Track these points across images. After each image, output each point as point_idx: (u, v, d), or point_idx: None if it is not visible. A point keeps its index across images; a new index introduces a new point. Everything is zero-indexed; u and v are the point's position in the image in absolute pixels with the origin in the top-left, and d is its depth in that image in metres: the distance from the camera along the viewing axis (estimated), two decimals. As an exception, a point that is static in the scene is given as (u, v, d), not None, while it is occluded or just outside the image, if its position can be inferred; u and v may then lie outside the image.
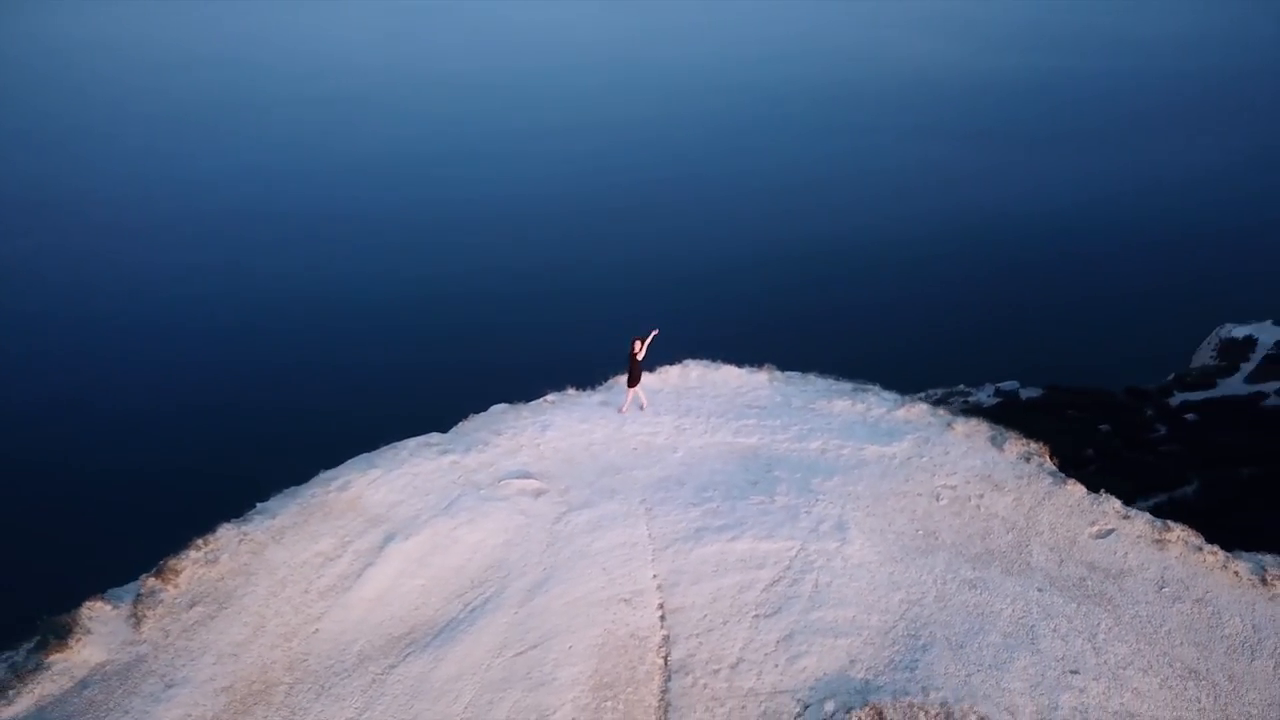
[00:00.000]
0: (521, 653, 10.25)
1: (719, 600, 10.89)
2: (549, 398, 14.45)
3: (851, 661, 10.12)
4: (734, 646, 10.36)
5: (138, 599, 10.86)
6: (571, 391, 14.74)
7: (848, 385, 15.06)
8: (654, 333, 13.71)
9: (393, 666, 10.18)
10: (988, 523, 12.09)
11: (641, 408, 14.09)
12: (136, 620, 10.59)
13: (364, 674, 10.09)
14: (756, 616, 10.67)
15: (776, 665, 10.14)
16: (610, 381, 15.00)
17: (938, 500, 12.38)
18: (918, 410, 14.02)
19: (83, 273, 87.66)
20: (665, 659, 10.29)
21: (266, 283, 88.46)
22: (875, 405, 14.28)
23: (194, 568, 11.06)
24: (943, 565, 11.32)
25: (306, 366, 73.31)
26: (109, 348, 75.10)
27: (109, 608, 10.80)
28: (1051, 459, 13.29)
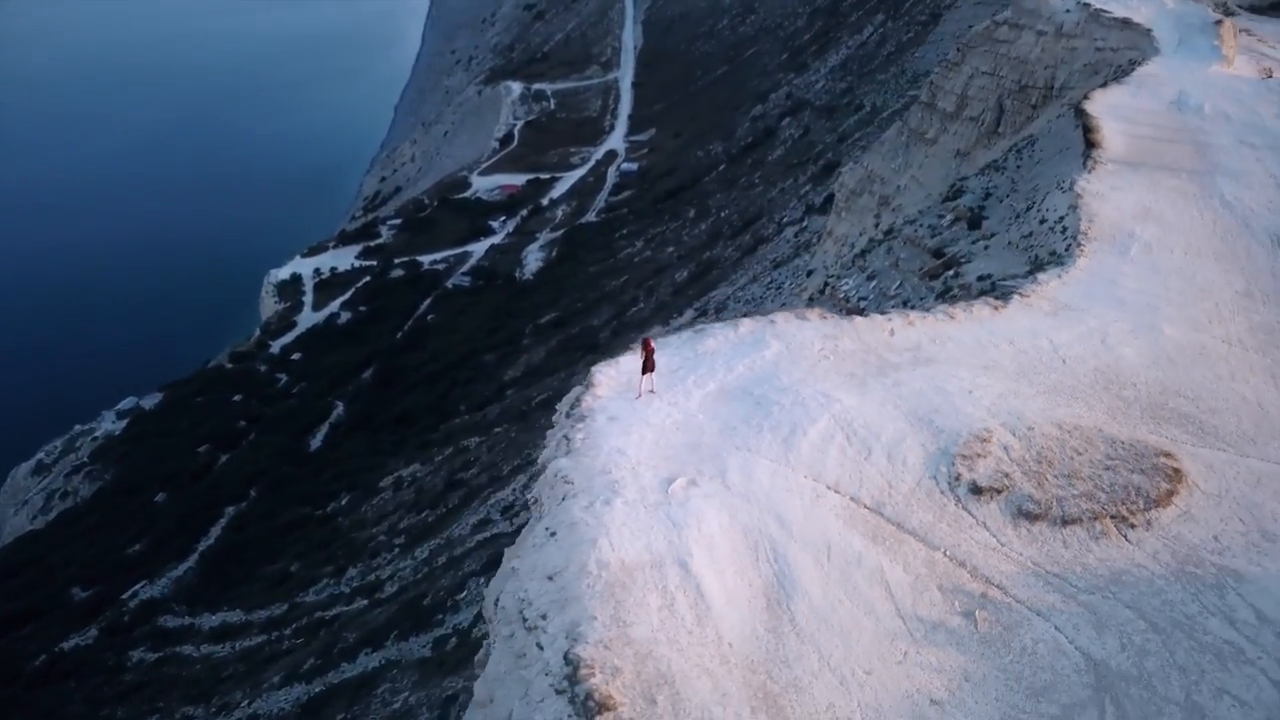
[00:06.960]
0: (838, 563, 14.03)
1: (843, 466, 15.96)
2: (570, 445, 16.25)
3: (936, 434, 16.51)
4: (883, 476, 15.79)
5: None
6: (579, 436, 16.63)
7: (688, 331, 19.89)
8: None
9: (793, 620, 13.08)
10: (855, 355, 19.07)
11: (644, 394, 17.09)
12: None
13: (788, 636, 12.82)
14: (870, 456, 16.09)
15: (912, 463, 16.03)
16: (572, 413, 17.18)
17: (829, 360, 18.83)
18: (749, 321, 19.84)
19: None
20: (871, 509, 15.18)
21: None
22: (724, 332, 19.59)
23: (612, 683, 11.72)
24: (879, 385, 18.07)
25: None
26: None
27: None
28: (847, 305, 20.71)
